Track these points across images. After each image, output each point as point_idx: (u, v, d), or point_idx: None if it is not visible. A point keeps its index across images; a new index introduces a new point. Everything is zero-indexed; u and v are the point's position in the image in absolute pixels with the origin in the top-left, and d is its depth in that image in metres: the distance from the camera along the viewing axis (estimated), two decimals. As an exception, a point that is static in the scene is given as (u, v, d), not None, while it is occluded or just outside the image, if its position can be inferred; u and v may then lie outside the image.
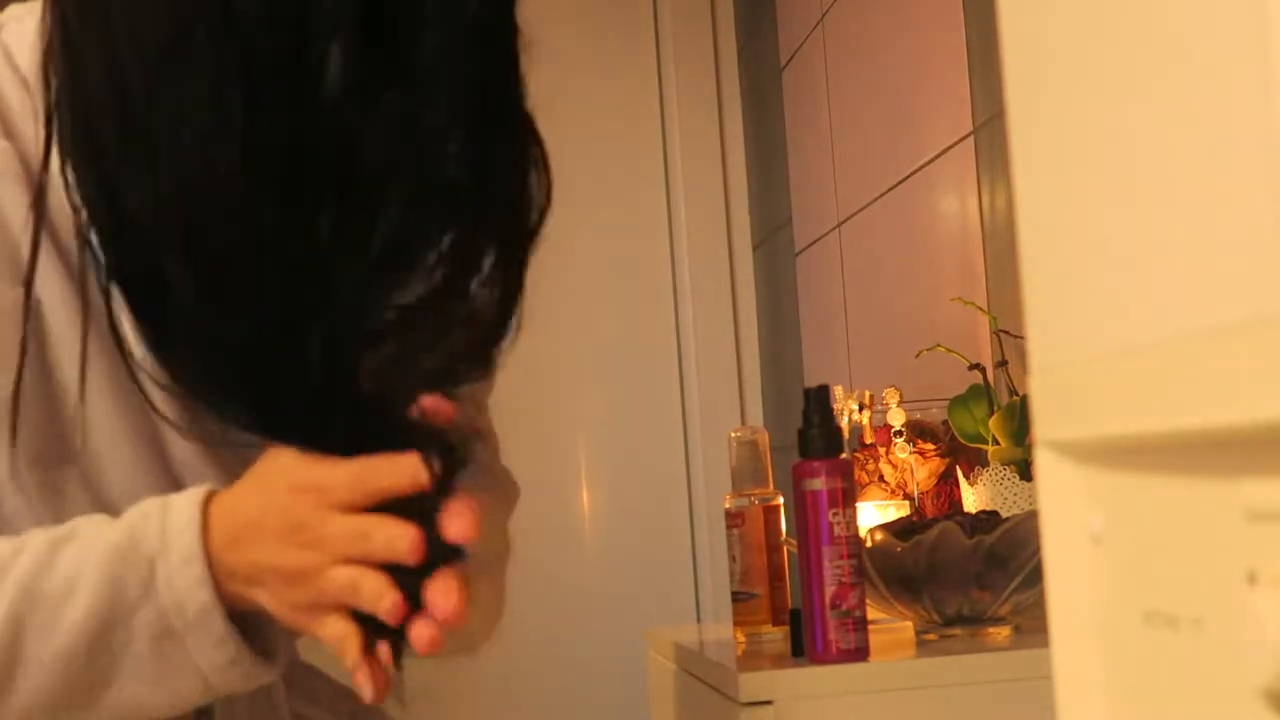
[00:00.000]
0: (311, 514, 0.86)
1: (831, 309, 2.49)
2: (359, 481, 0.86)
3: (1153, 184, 0.45)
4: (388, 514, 0.86)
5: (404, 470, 0.86)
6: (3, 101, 0.95)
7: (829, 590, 1.27)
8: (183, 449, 0.97)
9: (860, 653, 1.28)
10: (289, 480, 0.87)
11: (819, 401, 1.32)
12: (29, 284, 0.93)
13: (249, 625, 0.90)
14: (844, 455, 1.32)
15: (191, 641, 0.87)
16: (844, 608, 1.28)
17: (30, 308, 0.93)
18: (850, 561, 1.28)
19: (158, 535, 0.87)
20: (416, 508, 0.86)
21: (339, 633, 0.87)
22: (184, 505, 0.88)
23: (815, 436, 1.30)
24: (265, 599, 0.88)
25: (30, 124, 0.95)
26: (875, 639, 1.36)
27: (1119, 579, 0.50)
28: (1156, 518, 0.48)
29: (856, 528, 1.30)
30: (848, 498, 1.29)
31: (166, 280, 0.85)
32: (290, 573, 0.86)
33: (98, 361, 0.94)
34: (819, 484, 1.28)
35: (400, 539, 0.85)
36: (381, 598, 0.85)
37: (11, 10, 1.00)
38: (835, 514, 1.28)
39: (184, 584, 0.87)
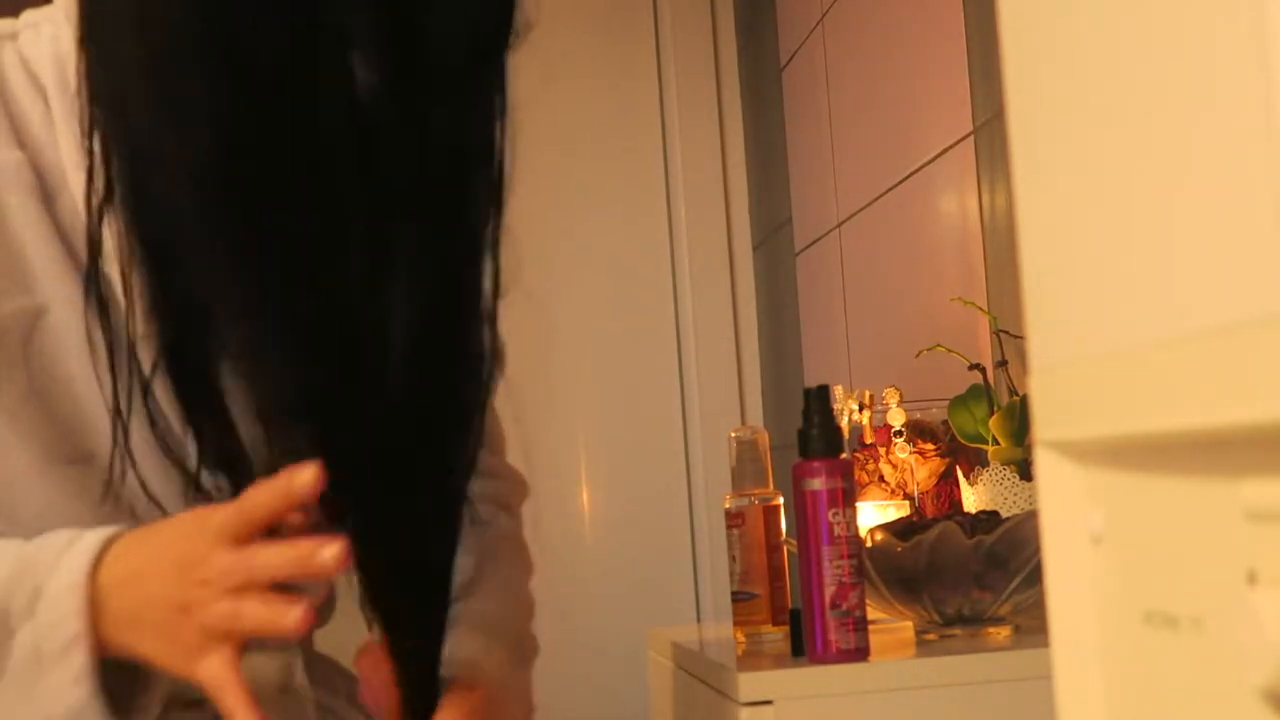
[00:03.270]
0: (200, 549, 0.86)
1: (831, 309, 2.49)
2: (240, 510, 0.86)
3: (1152, 184, 0.45)
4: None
5: (280, 489, 0.85)
6: (17, 110, 0.96)
7: (829, 590, 1.27)
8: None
9: (860, 653, 1.28)
10: (184, 522, 0.88)
11: (819, 401, 1.31)
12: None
13: (118, 683, 0.89)
14: (844, 455, 1.32)
15: (53, 673, 0.86)
16: (844, 608, 1.28)
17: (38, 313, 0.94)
18: (850, 561, 1.28)
19: (53, 559, 0.88)
20: None
21: (217, 675, 0.85)
22: (90, 538, 0.89)
23: (815, 436, 1.30)
24: (146, 643, 0.87)
25: (48, 132, 0.95)
26: (875, 639, 1.36)
27: (1119, 579, 0.50)
28: (1156, 518, 0.48)
29: (856, 528, 1.30)
30: (848, 498, 1.29)
31: (190, 259, 0.86)
32: (174, 606, 0.86)
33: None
34: (819, 484, 1.28)
35: (284, 560, 0.84)
36: (274, 618, 0.84)
37: (27, 16, 1.00)
38: (835, 514, 1.28)
39: (60, 611, 0.86)
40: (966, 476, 1.57)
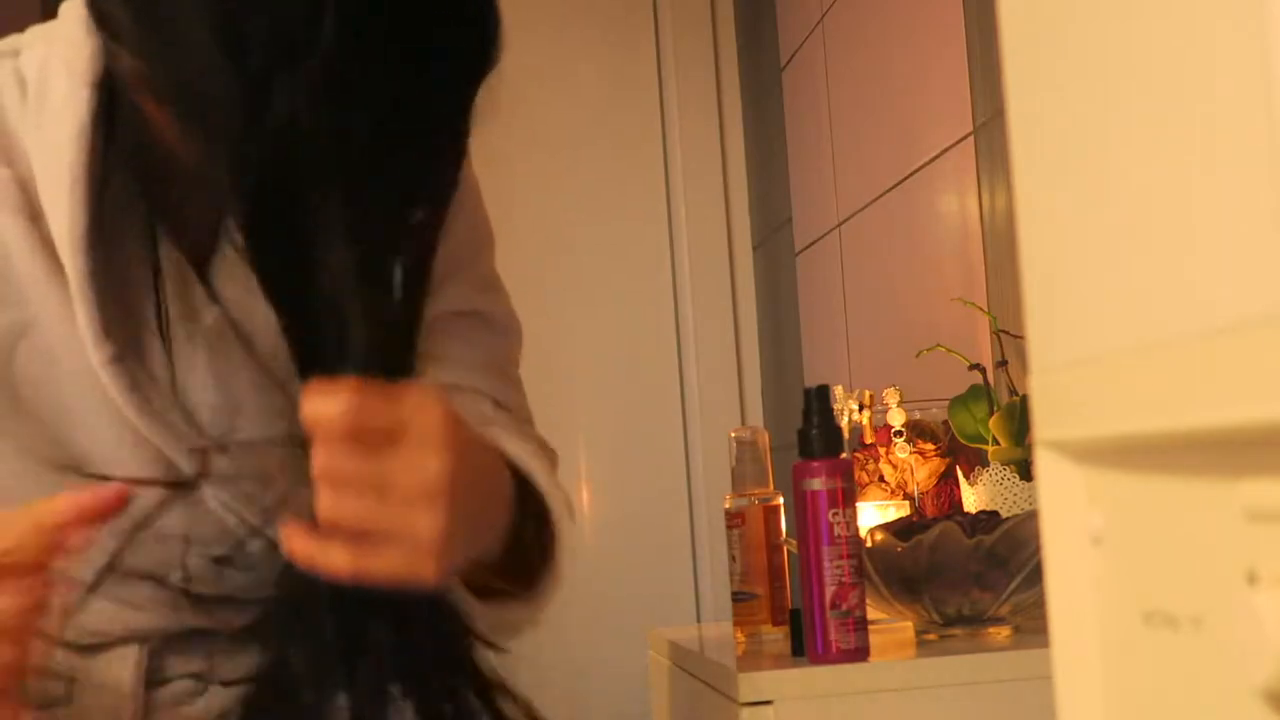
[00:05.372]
0: None
1: (831, 309, 2.49)
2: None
3: (1152, 184, 0.45)
4: None
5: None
6: (7, 128, 0.96)
7: (829, 590, 1.27)
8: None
9: (860, 652, 1.28)
10: None
11: (819, 401, 1.31)
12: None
13: None
14: (844, 455, 1.32)
15: None
16: (844, 608, 1.28)
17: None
18: (850, 561, 1.28)
19: None
20: None
21: None
22: None
23: (815, 436, 1.30)
24: None
25: (28, 135, 0.96)
26: (875, 639, 1.36)
27: (1119, 579, 0.50)
28: (1156, 518, 0.48)
29: (857, 528, 1.30)
30: (848, 498, 1.29)
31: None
32: None
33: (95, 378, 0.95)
34: (819, 484, 1.28)
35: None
36: None
37: (31, 33, 1.01)
38: (835, 514, 1.28)
39: None
40: (966, 476, 1.57)
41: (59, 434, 0.96)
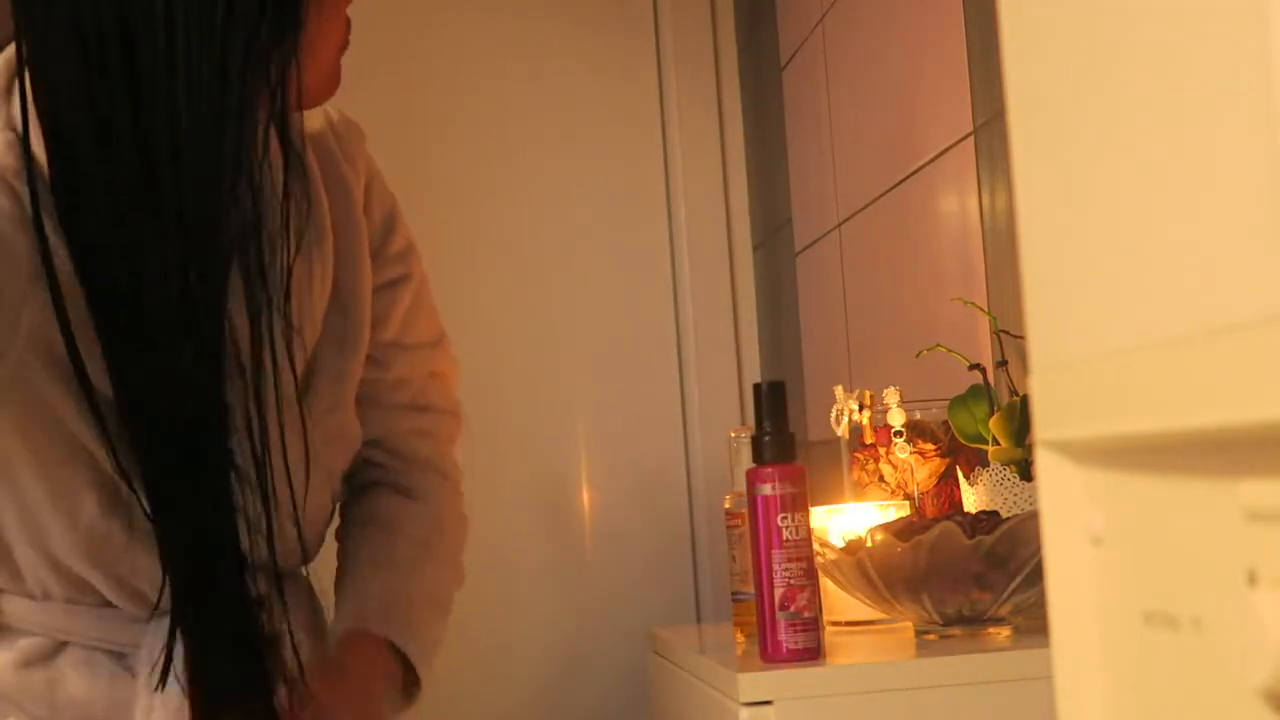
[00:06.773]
0: None
1: (831, 309, 2.49)
2: None
3: (1152, 184, 0.45)
4: None
5: None
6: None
7: (778, 592, 1.28)
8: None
9: (810, 653, 1.28)
10: None
11: (771, 404, 1.31)
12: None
13: None
14: (797, 461, 1.31)
15: None
16: (792, 609, 1.28)
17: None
18: (800, 565, 1.28)
19: None
20: None
21: None
22: None
23: (767, 443, 1.30)
24: None
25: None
26: (875, 639, 1.36)
27: (1119, 579, 0.50)
28: (1156, 518, 0.48)
29: (808, 531, 1.30)
30: (798, 503, 1.29)
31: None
32: None
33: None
34: (769, 489, 1.29)
35: None
36: None
37: None
38: (785, 518, 1.28)
39: None
40: (966, 476, 1.57)
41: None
